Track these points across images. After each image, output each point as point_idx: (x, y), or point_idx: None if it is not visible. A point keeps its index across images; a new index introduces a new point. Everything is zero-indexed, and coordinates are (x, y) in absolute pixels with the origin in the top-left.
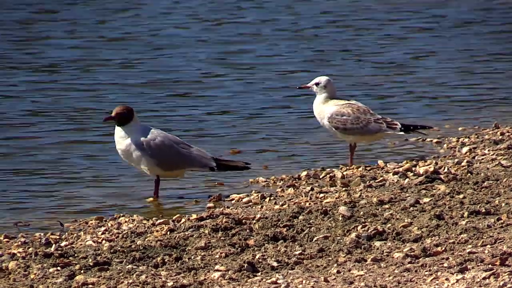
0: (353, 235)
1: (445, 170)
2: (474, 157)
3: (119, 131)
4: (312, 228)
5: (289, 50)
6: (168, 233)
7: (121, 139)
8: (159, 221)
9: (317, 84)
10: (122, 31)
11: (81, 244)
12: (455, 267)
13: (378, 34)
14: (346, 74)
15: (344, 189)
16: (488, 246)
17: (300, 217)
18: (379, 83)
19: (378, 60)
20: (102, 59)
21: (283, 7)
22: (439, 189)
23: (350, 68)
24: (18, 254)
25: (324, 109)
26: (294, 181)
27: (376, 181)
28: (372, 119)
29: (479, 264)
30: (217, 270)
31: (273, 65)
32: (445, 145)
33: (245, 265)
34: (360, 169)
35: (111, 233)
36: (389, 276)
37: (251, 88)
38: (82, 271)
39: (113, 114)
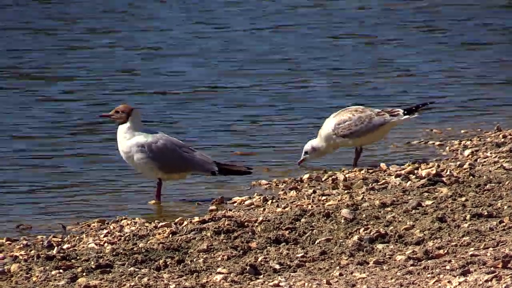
0: (355, 237)
1: (447, 172)
2: (476, 160)
3: (121, 133)
4: (314, 230)
5: (293, 54)
6: (170, 235)
7: (123, 140)
8: (161, 223)
9: (306, 153)
10: (126, 38)
11: (83, 247)
12: (458, 269)
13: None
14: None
15: (346, 191)
16: (491, 248)
17: (302, 219)
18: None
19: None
20: (104, 63)
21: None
22: (441, 192)
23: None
24: (20, 257)
25: (325, 127)
26: (296, 184)
27: (379, 183)
28: (373, 114)
29: (482, 266)
30: (219, 273)
31: (275, 68)
32: (447, 148)
33: (247, 267)
34: (362, 171)
35: (113, 236)
36: (391, 278)
37: (253, 91)
38: (84, 274)
39: (111, 112)
